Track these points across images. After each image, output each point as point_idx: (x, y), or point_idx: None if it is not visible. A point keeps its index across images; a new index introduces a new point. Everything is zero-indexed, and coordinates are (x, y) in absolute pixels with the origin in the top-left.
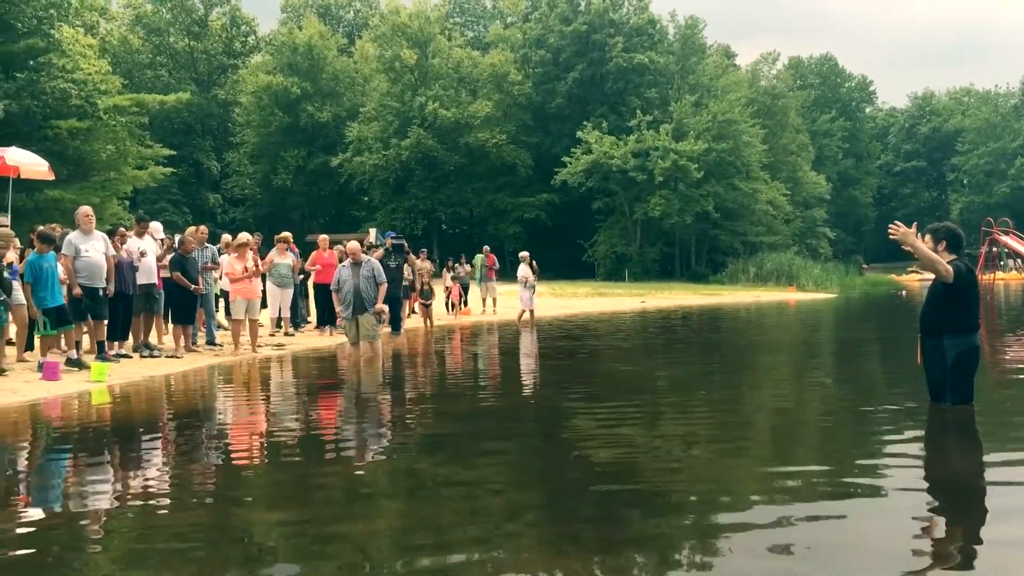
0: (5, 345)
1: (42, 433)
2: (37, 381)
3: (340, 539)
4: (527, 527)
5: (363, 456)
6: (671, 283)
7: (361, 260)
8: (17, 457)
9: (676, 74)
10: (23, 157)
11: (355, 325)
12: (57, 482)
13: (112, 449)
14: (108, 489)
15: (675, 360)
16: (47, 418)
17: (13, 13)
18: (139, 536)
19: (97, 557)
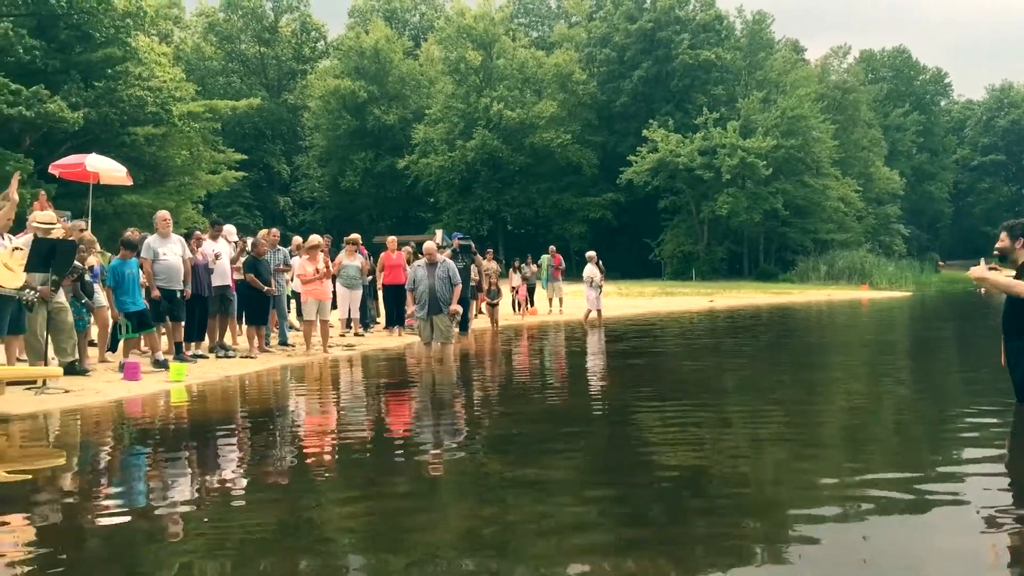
0: (88, 346)
1: (123, 431)
2: (119, 381)
3: (409, 537)
4: (594, 528)
5: (432, 455)
6: (739, 282)
7: (436, 260)
8: (100, 454)
9: (743, 70)
10: (103, 163)
11: (429, 325)
12: (138, 478)
13: (189, 447)
14: (186, 485)
15: (745, 360)
16: (128, 417)
17: (92, 23)
18: (214, 531)
19: (174, 552)
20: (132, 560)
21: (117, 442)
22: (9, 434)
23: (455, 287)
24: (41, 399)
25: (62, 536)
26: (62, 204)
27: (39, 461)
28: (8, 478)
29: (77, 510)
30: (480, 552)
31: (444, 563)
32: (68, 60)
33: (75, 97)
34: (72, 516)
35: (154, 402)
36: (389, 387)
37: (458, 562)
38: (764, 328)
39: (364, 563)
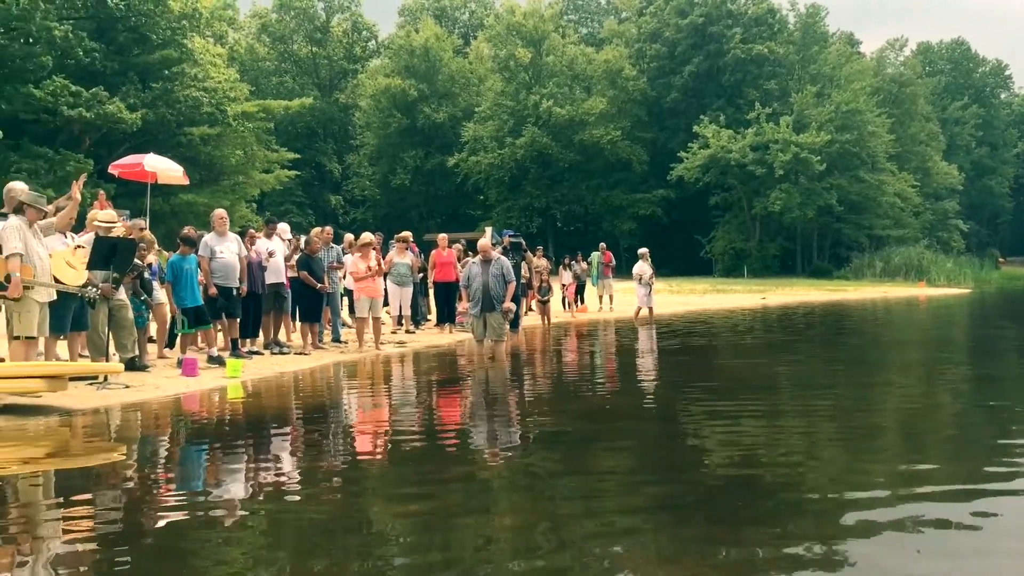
0: (147, 343)
1: (181, 426)
2: (177, 377)
3: (460, 533)
4: (645, 524)
5: (483, 452)
6: (792, 279)
7: (491, 258)
8: (159, 448)
9: (797, 64)
10: (160, 163)
11: (482, 323)
12: (195, 472)
13: (245, 442)
14: (241, 480)
15: (798, 357)
16: (186, 412)
17: (149, 26)
18: (269, 526)
19: (230, 545)
20: (189, 552)
21: (175, 436)
22: (72, 428)
23: (509, 285)
24: (103, 394)
25: (123, 528)
26: (121, 203)
27: (101, 455)
28: (72, 471)
29: (137, 502)
30: (529, 552)
31: (493, 561)
32: (126, 62)
33: (133, 98)
34: (132, 508)
35: (211, 398)
36: (441, 384)
37: (507, 561)
38: (818, 325)
39: (414, 559)
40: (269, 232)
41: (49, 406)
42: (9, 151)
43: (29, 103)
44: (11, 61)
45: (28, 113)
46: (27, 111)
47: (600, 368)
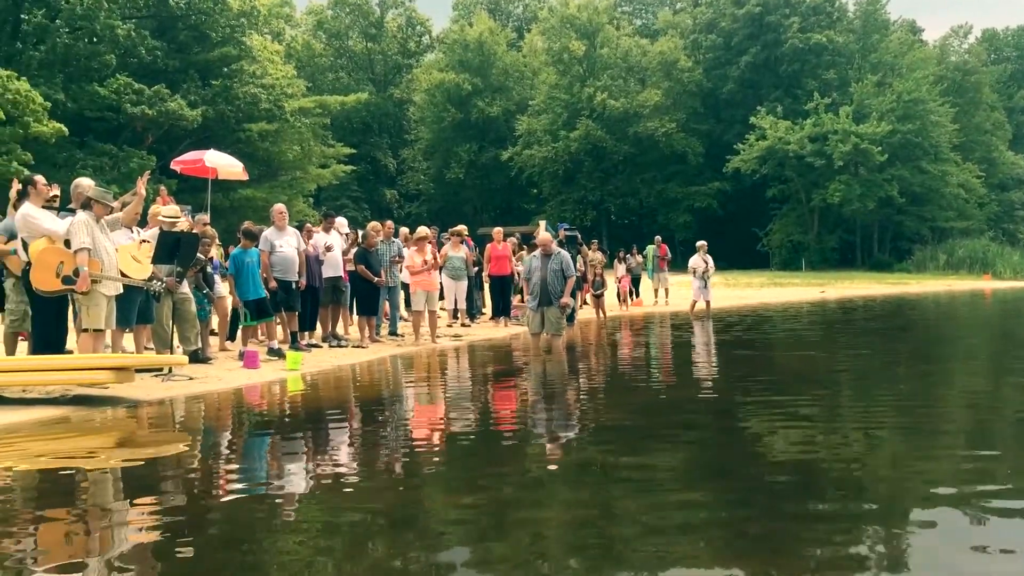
0: (209, 335)
1: (243, 417)
2: (239, 369)
3: (515, 526)
4: (702, 519)
5: (539, 447)
6: (852, 272)
7: (552, 252)
8: (221, 439)
9: (856, 53)
10: (220, 159)
11: (540, 316)
12: (256, 463)
13: (305, 433)
14: (301, 471)
15: (858, 352)
16: (248, 403)
17: (208, 24)
18: (326, 517)
19: (288, 535)
20: (250, 542)
21: (238, 428)
22: (138, 419)
23: (568, 280)
24: (167, 386)
25: (187, 517)
26: (182, 199)
27: (166, 445)
28: (138, 461)
29: (200, 492)
30: (585, 547)
31: (548, 557)
32: (187, 60)
33: (193, 95)
34: (196, 498)
35: (271, 390)
36: (497, 377)
37: (562, 554)
38: (879, 319)
39: (470, 553)
40: (327, 226)
41: (117, 397)
42: (75, 148)
43: (94, 101)
44: (76, 60)
45: (93, 111)
46: (92, 109)
47: (656, 362)
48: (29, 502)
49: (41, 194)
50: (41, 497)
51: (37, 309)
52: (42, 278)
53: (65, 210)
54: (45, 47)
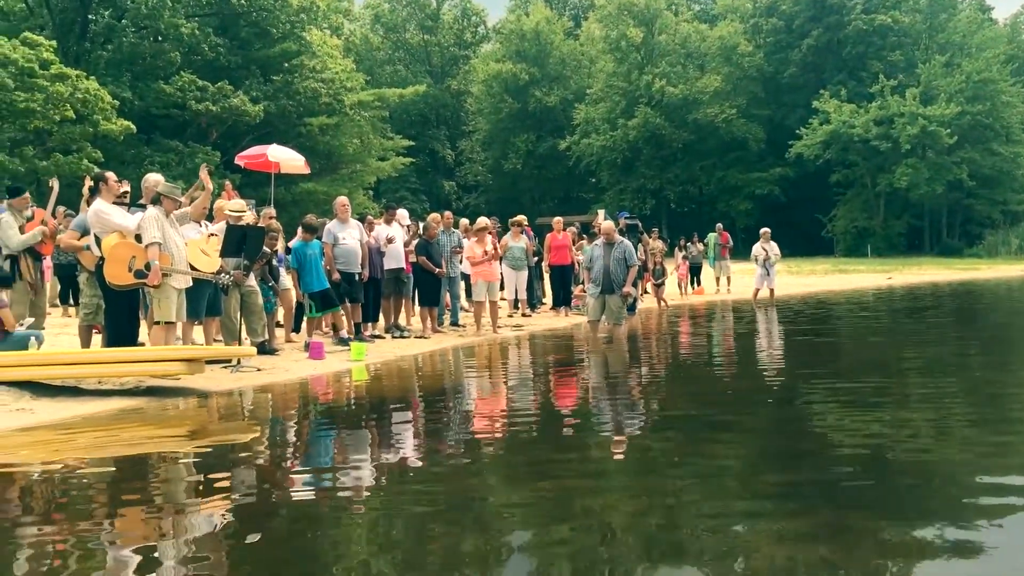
0: (275, 327)
1: (310, 407)
2: (304, 360)
3: (577, 515)
4: (768, 509)
5: (601, 437)
6: (920, 258)
7: (614, 240)
8: (289, 429)
9: (923, 33)
10: (283, 153)
11: (601, 304)
12: (322, 452)
13: (370, 423)
14: (367, 459)
15: (927, 339)
16: (314, 394)
17: (269, 20)
18: (390, 505)
19: (355, 522)
20: (317, 530)
21: (305, 417)
22: (208, 409)
23: (630, 268)
24: (236, 377)
25: (255, 505)
26: (246, 193)
27: (235, 435)
28: (208, 450)
29: (269, 481)
30: (648, 536)
31: (610, 543)
32: (248, 56)
33: (255, 91)
34: (264, 486)
35: (337, 380)
36: (558, 367)
37: (623, 547)
38: (948, 306)
39: (530, 543)
40: (388, 218)
41: (188, 388)
42: (142, 145)
43: (160, 99)
44: (142, 59)
45: (159, 108)
46: (158, 106)
47: (718, 351)
48: (105, 489)
49: (112, 190)
50: (116, 484)
51: (110, 303)
52: (115, 272)
53: (135, 206)
54: (112, 46)
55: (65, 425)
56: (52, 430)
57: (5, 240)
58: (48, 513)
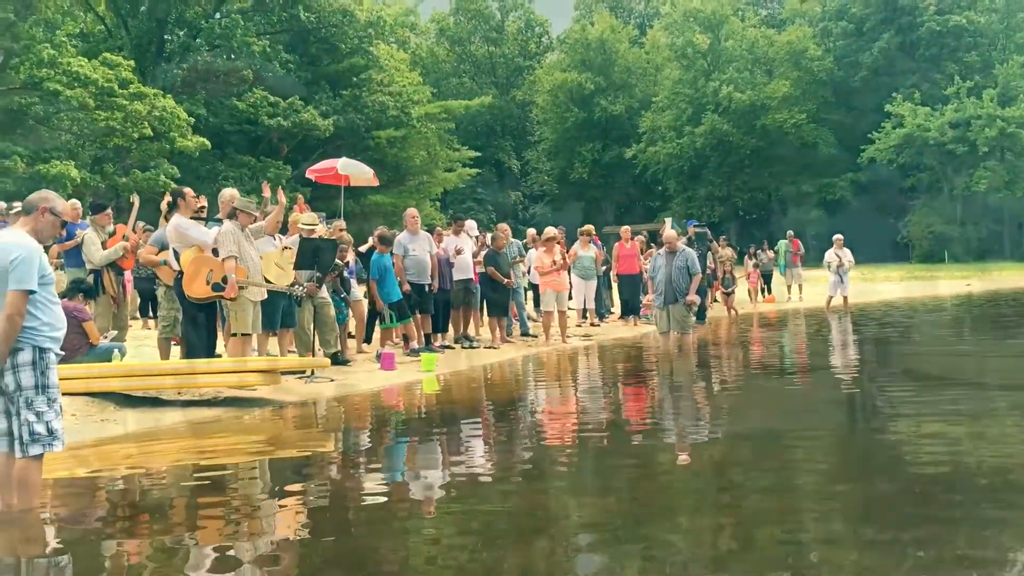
0: (347, 338)
1: (382, 417)
2: (376, 371)
3: (645, 529)
4: (844, 523)
5: (671, 447)
6: (1001, 264)
7: (676, 249)
8: (362, 439)
9: (1000, 34)
10: (352, 167)
11: (666, 314)
12: (395, 463)
13: (441, 433)
14: (436, 470)
15: (1009, 349)
16: (387, 404)
17: (338, 36)
18: (459, 516)
19: (426, 533)
20: (388, 540)
21: (378, 427)
22: (284, 419)
23: (693, 277)
24: (310, 387)
25: (329, 513)
26: (317, 206)
27: (310, 444)
28: (284, 460)
29: (343, 490)
30: (719, 552)
31: (679, 560)
32: (318, 71)
33: (325, 106)
34: (338, 496)
35: (408, 390)
36: (628, 377)
37: (695, 560)
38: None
39: (596, 557)
40: (456, 230)
41: (264, 398)
42: (217, 161)
43: (233, 115)
44: (216, 76)
45: (232, 124)
46: (231, 123)
47: (790, 360)
48: (185, 496)
49: (190, 206)
50: (196, 491)
51: (188, 315)
52: (193, 286)
53: (212, 220)
54: (187, 65)
55: (150, 435)
56: (137, 440)
57: (89, 255)
58: (135, 518)
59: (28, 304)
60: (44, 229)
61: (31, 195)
